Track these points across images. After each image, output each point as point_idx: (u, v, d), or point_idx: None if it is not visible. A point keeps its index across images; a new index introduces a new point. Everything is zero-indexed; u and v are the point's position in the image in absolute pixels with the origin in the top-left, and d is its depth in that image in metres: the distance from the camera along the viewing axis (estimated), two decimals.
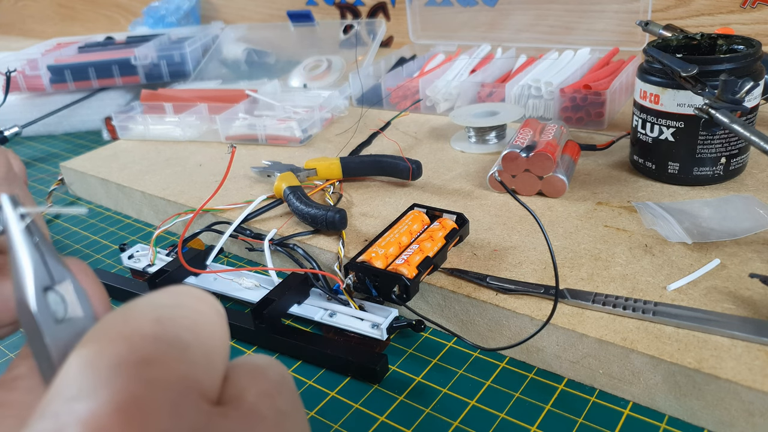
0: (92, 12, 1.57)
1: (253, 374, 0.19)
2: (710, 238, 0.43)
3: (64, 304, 0.17)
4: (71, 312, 0.17)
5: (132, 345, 0.15)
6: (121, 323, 0.16)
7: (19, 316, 0.17)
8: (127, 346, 0.15)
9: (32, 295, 0.16)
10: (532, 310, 0.39)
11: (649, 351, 0.34)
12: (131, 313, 0.17)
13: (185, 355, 0.16)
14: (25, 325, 0.17)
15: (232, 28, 1.03)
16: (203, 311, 0.18)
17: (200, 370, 0.16)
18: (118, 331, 0.16)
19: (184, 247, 0.53)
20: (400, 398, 0.38)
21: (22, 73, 0.93)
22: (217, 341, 0.18)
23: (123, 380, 0.15)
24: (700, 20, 0.82)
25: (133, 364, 0.15)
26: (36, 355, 0.17)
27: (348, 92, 0.81)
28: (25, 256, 0.17)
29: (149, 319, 0.16)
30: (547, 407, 0.36)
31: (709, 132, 0.48)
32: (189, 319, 0.17)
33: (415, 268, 0.41)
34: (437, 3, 0.94)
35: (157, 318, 0.16)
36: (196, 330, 0.17)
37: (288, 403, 0.19)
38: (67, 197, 0.74)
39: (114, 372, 0.15)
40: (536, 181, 0.53)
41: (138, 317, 0.16)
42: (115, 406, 0.14)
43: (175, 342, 0.16)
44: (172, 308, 0.17)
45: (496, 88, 0.72)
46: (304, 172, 0.59)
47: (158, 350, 0.16)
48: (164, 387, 0.15)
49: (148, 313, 0.17)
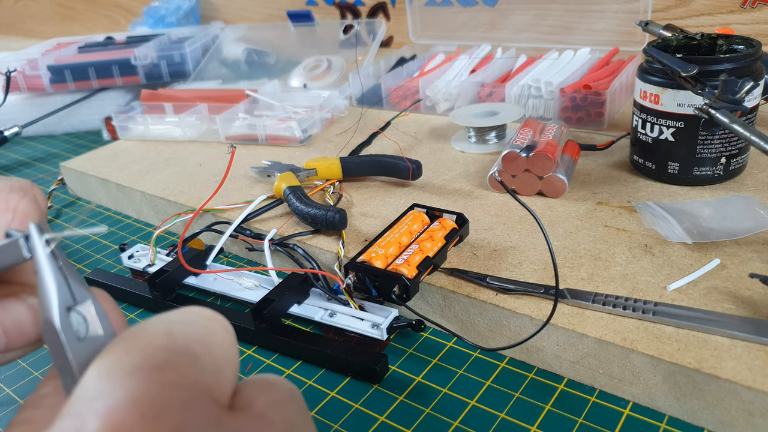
0: (92, 12, 1.57)
1: (263, 387, 0.20)
2: (710, 238, 0.43)
3: (86, 323, 0.18)
4: (92, 331, 0.18)
5: (145, 354, 0.17)
6: (134, 337, 0.17)
7: (44, 334, 0.18)
8: (141, 356, 0.17)
9: (56, 314, 0.18)
10: (532, 310, 0.39)
11: (649, 351, 0.34)
12: (144, 329, 0.18)
13: (195, 363, 0.17)
14: (50, 342, 0.18)
15: (232, 28, 1.03)
16: (212, 327, 0.19)
17: (210, 378, 0.17)
18: (132, 344, 0.17)
19: (184, 247, 0.53)
20: (400, 398, 0.38)
21: (22, 73, 0.93)
22: (226, 354, 0.19)
23: (137, 382, 0.16)
24: (700, 20, 0.82)
25: (147, 370, 0.16)
26: (59, 370, 0.18)
27: (348, 92, 0.81)
28: (50, 278, 0.18)
29: (161, 333, 0.18)
30: (547, 407, 0.36)
31: (709, 132, 0.48)
32: (199, 333, 0.18)
33: (415, 268, 0.41)
34: (437, 3, 0.94)
35: (168, 331, 0.18)
36: (206, 343, 0.18)
37: (296, 414, 0.19)
38: (67, 197, 0.74)
39: (129, 376, 0.16)
40: (536, 181, 0.53)
41: (151, 332, 0.18)
42: (131, 402, 0.15)
43: (186, 352, 0.17)
44: (182, 324, 0.19)
45: (496, 88, 0.72)
46: (304, 172, 0.59)
47: (170, 359, 0.17)
48: (176, 388, 0.16)
49: (160, 328, 0.18)
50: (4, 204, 0.21)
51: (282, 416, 0.19)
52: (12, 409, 0.41)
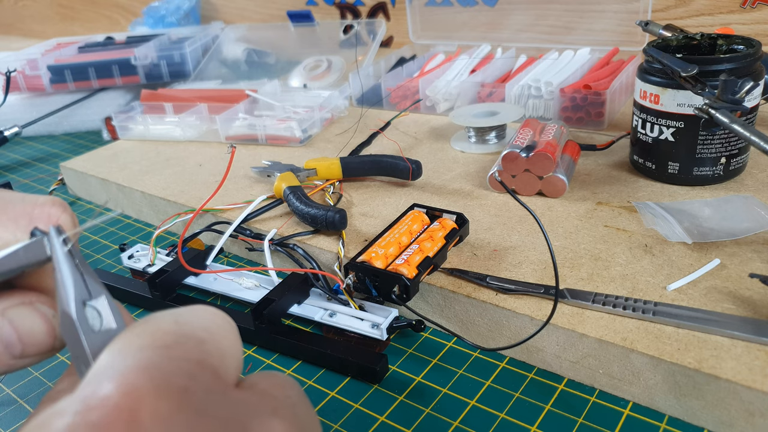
0: (92, 12, 1.57)
1: (265, 374, 0.22)
2: (710, 238, 0.43)
3: (100, 317, 0.20)
4: (106, 324, 0.20)
5: (154, 336, 0.18)
6: (144, 324, 0.19)
7: (62, 326, 0.20)
8: (150, 337, 0.18)
9: (73, 306, 0.19)
10: (532, 310, 0.39)
11: (649, 351, 0.34)
12: (153, 318, 0.20)
13: (201, 345, 0.19)
14: (67, 333, 0.20)
15: (232, 28, 1.03)
16: (216, 320, 0.20)
17: (215, 360, 0.19)
18: (142, 329, 0.19)
19: (184, 247, 0.53)
20: (400, 398, 0.38)
21: (22, 73, 0.93)
22: (230, 344, 0.20)
23: (147, 354, 0.18)
24: (700, 20, 0.82)
25: (156, 347, 0.18)
26: (75, 359, 0.20)
27: (348, 92, 0.81)
28: (67, 274, 0.20)
29: (168, 321, 0.19)
30: (547, 407, 0.36)
31: (709, 132, 0.48)
32: (204, 323, 0.20)
33: (415, 268, 0.41)
34: (437, 3, 0.94)
35: (175, 320, 0.20)
36: (211, 331, 0.20)
37: (297, 396, 0.21)
38: (67, 197, 0.74)
39: (139, 351, 0.18)
40: (536, 181, 0.53)
41: (159, 320, 0.19)
42: (141, 368, 0.17)
43: (192, 336, 0.19)
44: (188, 315, 0.20)
45: (496, 88, 0.72)
46: (304, 172, 0.59)
47: (177, 340, 0.19)
48: (183, 361, 0.18)
49: (168, 318, 0.20)
50: (47, 217, 0.23)
51: (284, 394, 0.20)
52: (12, 409, 0.41)
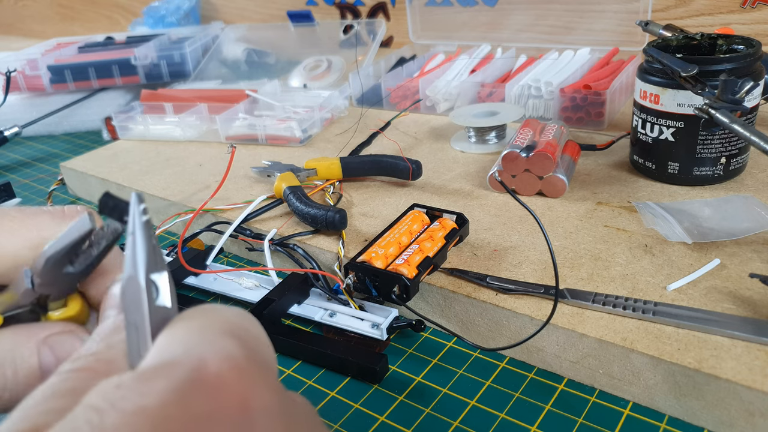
0: (92, 12, 1.57)
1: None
2: (710, 238, 0.43)
3: (158, 292, 0.20)
4: (162, 300, 0.20)
5: (231, 325, 0.19)
6: (212, 311, 0.20)
7: (124, 290, 0.20)
8: (228, 325, 0.19)
9: (143, 271, 0.20)
10: (532, 310, 0.39)
11: (649, 351, 0.34)
12: (216, 308, 0.20)
13: (266, 348, 0.21)
14: (129, 298, 0.20)
15: (232, 28, 1.03)
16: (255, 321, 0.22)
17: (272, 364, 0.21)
18: (215, 315, 0.20)
19: (184, 247, 0.53)
20: (400, 398, 0.38)
21: (22, 73, 0.93)
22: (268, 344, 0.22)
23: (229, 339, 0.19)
24: (700, 20, 0.82)
25: (231, 335, 0.19)
26: (129, 325, 0.20)
27: (348, 92, 0.81)
28: (141, 242, 0.20)
29: (233, 313, 0.20)
30: (547, 407, 0.36)
31: (709, 132, 0.48)
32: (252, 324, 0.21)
33: (415, 268, 0.41)
34: (437, 3, 0.94)
35: (238, 312, 0.21)
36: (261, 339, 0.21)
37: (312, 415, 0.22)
38: (67, 197, 0.74)
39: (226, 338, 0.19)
40: (536, 181, 0.53)
41: (224, 311, 0.20)
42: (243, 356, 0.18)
43: (258, 335, 0.21)
44: (241, 314, 0.21)
45: (496, 88, 0.72)
46: (304, 172, 0.59)
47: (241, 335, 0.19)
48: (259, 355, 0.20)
49: (229, 310, 0.20)
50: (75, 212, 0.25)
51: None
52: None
